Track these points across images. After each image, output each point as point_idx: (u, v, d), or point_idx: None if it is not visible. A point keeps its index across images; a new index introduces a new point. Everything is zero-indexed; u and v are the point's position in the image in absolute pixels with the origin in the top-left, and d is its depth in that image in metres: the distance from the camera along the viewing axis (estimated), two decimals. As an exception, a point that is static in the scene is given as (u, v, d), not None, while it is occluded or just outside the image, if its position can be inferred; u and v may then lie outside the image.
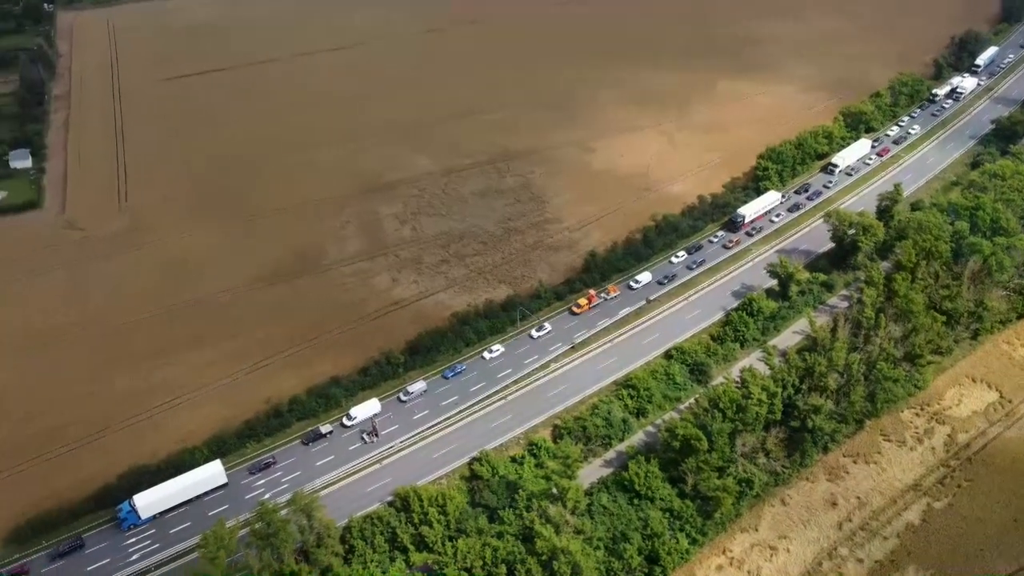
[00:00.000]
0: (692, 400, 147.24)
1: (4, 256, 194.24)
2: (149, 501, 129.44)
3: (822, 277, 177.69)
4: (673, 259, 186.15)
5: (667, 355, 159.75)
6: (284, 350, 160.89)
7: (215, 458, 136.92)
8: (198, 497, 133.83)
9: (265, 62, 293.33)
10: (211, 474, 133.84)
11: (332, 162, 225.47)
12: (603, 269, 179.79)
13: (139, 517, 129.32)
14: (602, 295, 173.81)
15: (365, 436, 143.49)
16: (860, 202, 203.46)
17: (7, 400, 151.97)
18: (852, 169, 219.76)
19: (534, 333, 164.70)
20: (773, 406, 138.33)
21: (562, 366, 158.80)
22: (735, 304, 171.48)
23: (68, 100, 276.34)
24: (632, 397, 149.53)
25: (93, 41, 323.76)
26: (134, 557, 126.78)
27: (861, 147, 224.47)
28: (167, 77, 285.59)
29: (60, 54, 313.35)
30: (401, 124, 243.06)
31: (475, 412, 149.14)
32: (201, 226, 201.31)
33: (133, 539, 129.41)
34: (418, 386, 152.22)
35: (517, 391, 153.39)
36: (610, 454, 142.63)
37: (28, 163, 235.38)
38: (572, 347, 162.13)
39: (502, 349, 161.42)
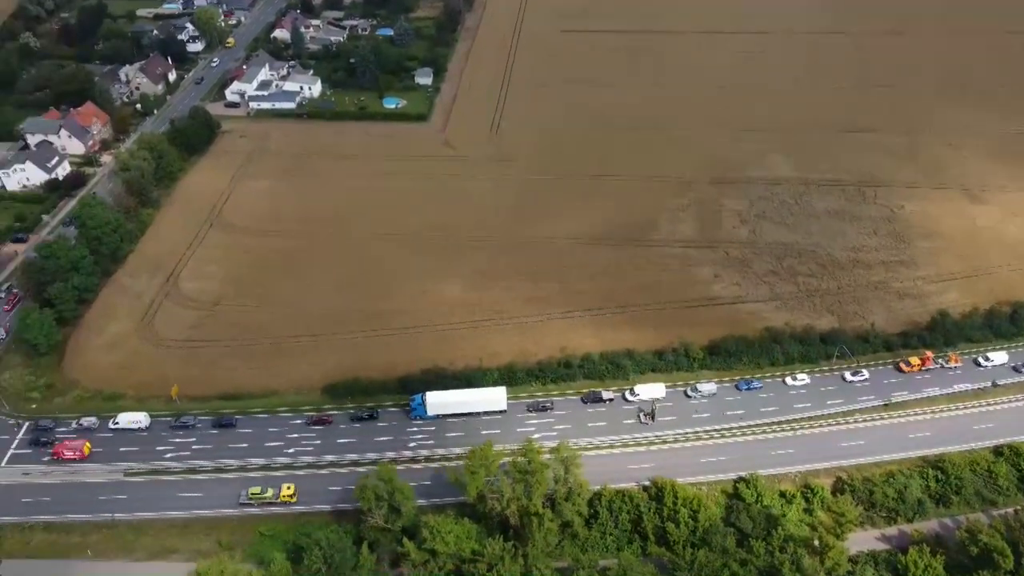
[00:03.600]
0: (1011, 510, 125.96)
1: (392, 156, 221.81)
2: (438, 401, 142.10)
3: None
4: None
5: (997, 451, 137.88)
6: (592, 308, 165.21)
7: (503, 385, 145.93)
8: (477, 414, 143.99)
9: (661, 32, 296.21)
10: (495, 398, 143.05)
11: (691, 142, 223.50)
12: (950, 334, 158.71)
13: (426, 411, 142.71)
14: (939, 361, 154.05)
15: (642, 416, 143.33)
16: None
17: (363, 277, 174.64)
18: None
19: (848, 376, 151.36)
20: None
21: (868, 420, 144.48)
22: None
23: (475, 33, 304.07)
24: (938, 480, 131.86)
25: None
26: (412, 444, 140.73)
27: None
28: (565, 29, 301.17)
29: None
30: (775, 123, 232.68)
31: (758, 433, 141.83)
32: (553, 171, 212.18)
33: (415, 429, 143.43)
34: (708, 387, 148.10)
35: (809, 427, 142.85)
36: (891, 531, 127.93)
37: (429, 81, 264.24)
38: (886, 404, 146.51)
39: (807, 380, 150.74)
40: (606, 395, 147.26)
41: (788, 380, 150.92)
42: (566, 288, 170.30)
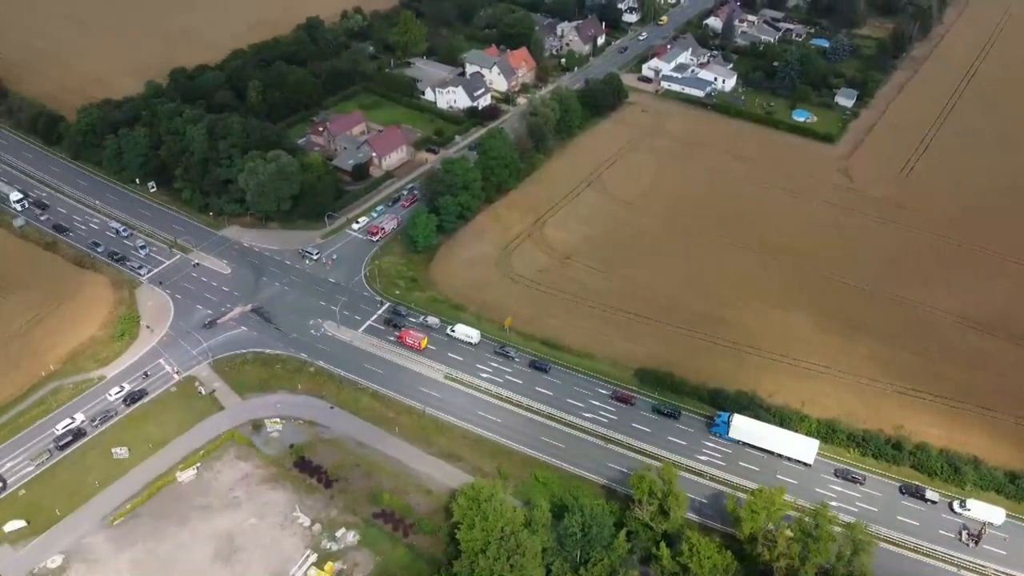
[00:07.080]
0: None
1: (783, 170, 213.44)
2: (744, 427, 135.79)
3: None
4: None
5: None
6: (948, 396, 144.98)
7: (816, 438, 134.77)
8: (779, 456, 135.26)
9: None
10: (804, 447, 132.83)
11: None
12: None
13: (728, 432, 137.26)
14: None
15: (964, 535, 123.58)
16: None
17: (708, 278, 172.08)
18: None
19: None
20: None
21: None
22: None
23: (920, 65, 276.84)
24: None
25: (981, 20, 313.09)
26: (701, 458, 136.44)
27: None
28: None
29: (941, 20, 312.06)
30: None
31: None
32: (961, 234, 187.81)
33: (711, 444, 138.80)
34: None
35: None
36: None
37: (849, 104, 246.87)
38: None
39: None
40: (930, 495, 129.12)
41: None
42: (925, 364, 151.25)
